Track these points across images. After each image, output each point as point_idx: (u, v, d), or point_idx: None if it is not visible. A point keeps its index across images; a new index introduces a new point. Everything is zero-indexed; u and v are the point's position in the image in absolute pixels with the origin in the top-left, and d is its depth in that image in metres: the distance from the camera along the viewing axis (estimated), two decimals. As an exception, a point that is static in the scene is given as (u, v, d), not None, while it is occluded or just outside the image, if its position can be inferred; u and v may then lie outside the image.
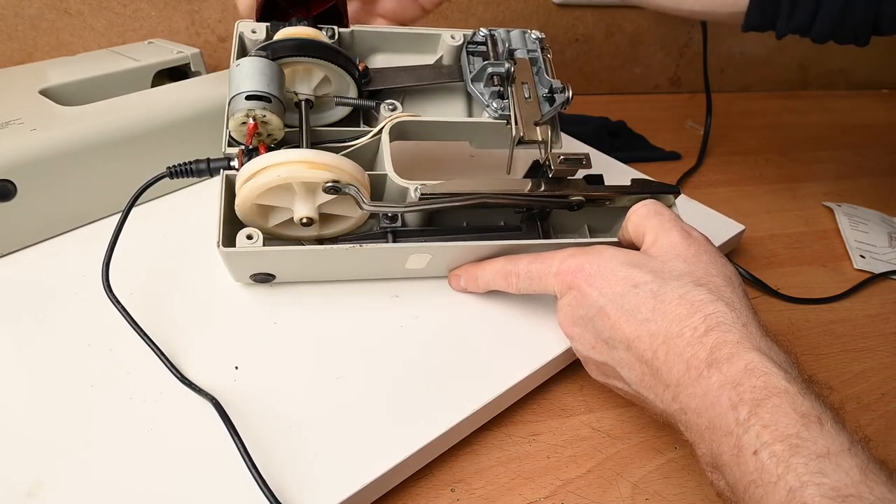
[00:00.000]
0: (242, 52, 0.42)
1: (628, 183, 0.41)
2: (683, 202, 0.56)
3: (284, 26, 0.42)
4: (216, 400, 0.33)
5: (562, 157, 0.40)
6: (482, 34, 0.45)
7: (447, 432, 0.35)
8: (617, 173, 0.61)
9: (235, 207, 0.37)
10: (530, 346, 0.40)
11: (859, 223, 0.64)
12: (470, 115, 0.47)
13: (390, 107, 0.42)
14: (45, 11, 0.64)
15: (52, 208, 0.44)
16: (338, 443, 0.33)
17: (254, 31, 0.42)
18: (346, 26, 0.44)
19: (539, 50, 0.45)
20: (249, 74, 0.37)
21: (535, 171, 0.42)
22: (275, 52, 0.39)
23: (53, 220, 0.44)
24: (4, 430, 0.32)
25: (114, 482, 0.31)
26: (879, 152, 0.82)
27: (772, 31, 0.52)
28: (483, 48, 0.45)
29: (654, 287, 0.32)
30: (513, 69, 0.43)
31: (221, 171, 0.38)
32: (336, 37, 0.43)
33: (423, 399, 0.36)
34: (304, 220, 0.37)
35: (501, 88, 0.43)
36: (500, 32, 0.45)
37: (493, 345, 0.40)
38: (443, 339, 0.40)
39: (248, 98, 0.36)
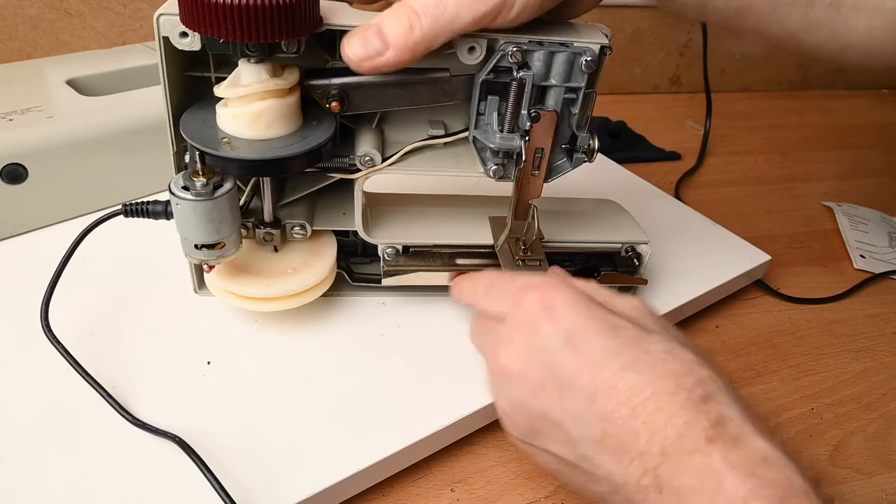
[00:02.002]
0: (172, 66, 0.32)
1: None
2: (706, 225, 0.54)
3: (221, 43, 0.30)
4: (181, 439, 0.31)
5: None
6: (511, 59, 0.32)
7: (440, 431, 0.35)
8: (615, 175, 0.61)
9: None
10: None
11: (859, 223, 0.64)
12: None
13: (368, 161, 0.36)
14: (45, 11, 0.64)
15: (62, 194, 0.44)
16: (325, 440, 0.33)
17: (184, 35, 0.30)
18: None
19: (581, 88, 0.35)
20: (193, 223, 0.33)
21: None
22: (216, 189, 0.32)
23: (63, 205, 0.45)
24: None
25: (94, 462, 0.31)
26: (879, 152, 0.82)
27: None
28: (505, 78, 0.34)
29: (634, 333, 0.28)
30: (524, 150, 0.35)
31: None
32: (301, 47, 0.32)
33: (421, 398, 0.36)
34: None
35: (505, 162, 0.36)
36: (537, 58, 0.33)
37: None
38: (442, 341, 0.40)
39: (200, 247, 0.34)
